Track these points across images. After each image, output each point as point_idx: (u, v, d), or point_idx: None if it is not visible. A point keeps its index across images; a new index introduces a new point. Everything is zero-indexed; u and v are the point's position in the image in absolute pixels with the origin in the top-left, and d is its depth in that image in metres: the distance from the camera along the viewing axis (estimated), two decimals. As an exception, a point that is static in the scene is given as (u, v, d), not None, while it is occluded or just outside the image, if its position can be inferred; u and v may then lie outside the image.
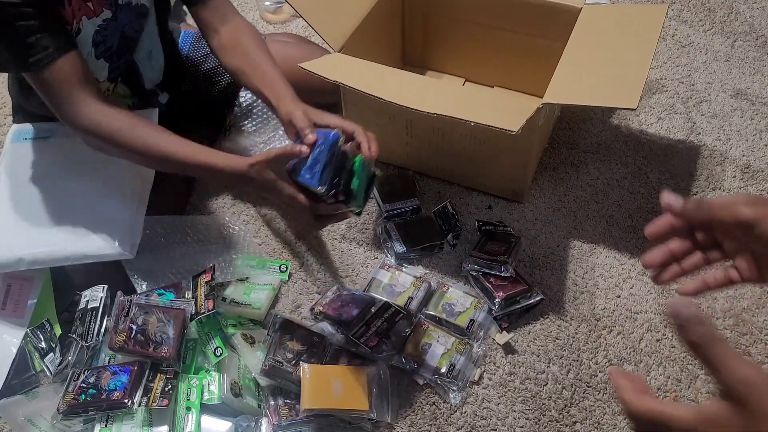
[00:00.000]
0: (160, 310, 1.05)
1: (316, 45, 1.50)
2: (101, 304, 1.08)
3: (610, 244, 1.25)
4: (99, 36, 1.05)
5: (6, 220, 1.11)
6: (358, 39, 1.25)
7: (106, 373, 1.00)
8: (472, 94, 1.31)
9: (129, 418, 0.98)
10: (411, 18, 1.48)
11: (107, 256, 1.09)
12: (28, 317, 1.13)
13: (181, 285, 1.12)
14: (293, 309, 1.18)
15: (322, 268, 1.24)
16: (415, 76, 1.18)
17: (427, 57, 1.54)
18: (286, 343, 1.05)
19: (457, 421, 1.04)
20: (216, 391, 1.01)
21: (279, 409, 1.01)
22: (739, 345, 1.11)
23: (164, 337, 1.02)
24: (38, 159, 1.18)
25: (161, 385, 1.00)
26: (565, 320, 1.15)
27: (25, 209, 1.12)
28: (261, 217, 1.32)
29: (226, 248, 1.24)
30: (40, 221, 1.11)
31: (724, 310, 1.15)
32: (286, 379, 1.02)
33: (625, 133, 1.43)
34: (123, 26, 1.09)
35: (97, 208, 1.12)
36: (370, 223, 1.30)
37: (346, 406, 1.00)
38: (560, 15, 1.26)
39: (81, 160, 1.15)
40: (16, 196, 1.14)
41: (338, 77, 1.11)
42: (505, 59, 1.43)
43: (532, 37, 1.35)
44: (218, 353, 1.02)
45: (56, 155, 1.18)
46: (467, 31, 1.43)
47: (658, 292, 1.18)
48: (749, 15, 1.72)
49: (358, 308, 1.11)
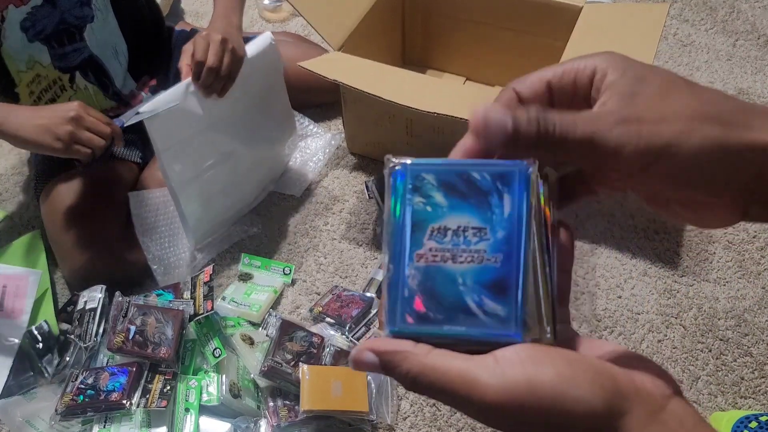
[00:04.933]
0: (159, 311, 1.04)
1: (315, 44, 1.49)
2: (99, 305, 1.08)
3: (611, 244, 1.24)
4: (27, 22, 1.08)
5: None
6: (357, 37, 1.25)
7: (104, 374, 1.00)
8: (473, 94, 1.30)
9: (127, 420, 0.97)
10: (411, 16, 1.47)
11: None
12: (25, 318, 1.12)
13: (180, 285, 1.12)
14: (292, 309, 1.18)
15: (321, 269, 1.23)
16: (415, 75, 1.17)
17: (428, 56, 1.54)
18: (285, 344, 1.04)
19: (458, 422, 1.04)
20: (215, 392, 1.01)
21: (278, 411, 1.01)
22: (741, 346, 1.10)
23: (163, 338, 1.02)
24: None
25: (160, 386, 0.99)
26: (567, 321, 1.14)
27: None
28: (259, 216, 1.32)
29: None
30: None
31: (725, 310, 1.15)
32: (286, 380, 1.01)
33: (626, 132, 1.42)
34: (63, 12, 1.11)
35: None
36: (370, 223, 1.29)
37: (346, 408, 0.99)
38: (561, 13, 1.25)
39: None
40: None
41: (338, 76, 1.10)
42: (506, 58, 1.42)
43: (533, 35, 1.34)
44: (217, 354, 1.02)
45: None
46: (468, 30, 1.43)
47: (660, 293, 1.17)
48: (751, 14, 1.71)
49: (358, 309, 1.11)
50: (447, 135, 1.24)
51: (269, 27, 1.74)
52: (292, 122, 1.33)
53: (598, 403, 0.29)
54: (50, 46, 1.13)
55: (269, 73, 1.21)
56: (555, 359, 0.30)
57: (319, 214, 1.32)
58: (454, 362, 0.30)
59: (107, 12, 1.17)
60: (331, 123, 1.48)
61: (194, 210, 1.17)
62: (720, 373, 1.08)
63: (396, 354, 0.31)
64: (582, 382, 0.29)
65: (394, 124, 1.27)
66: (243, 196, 1.29)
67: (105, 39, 1.18)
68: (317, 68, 1.11)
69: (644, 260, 1.22)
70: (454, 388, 0.30)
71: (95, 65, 1.19)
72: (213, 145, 1.16)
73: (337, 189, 1.36)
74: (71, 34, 1.15)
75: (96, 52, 1.18)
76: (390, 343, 0.32)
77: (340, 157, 1.42)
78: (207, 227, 1.23)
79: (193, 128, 1.10)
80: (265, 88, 1.21)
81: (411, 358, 0.31)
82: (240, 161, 1.22)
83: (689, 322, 1.14)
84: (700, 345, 1.11)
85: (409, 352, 0.31)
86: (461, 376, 0.30)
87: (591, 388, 0.29)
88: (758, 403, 1.05)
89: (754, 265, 1.21)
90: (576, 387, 0.29)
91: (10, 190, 1.41)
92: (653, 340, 1.12)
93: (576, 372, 0.29)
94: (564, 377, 0.29)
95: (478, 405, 0.29)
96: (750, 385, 1.06)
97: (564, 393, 0.29)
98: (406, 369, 0.31)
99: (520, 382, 0.29)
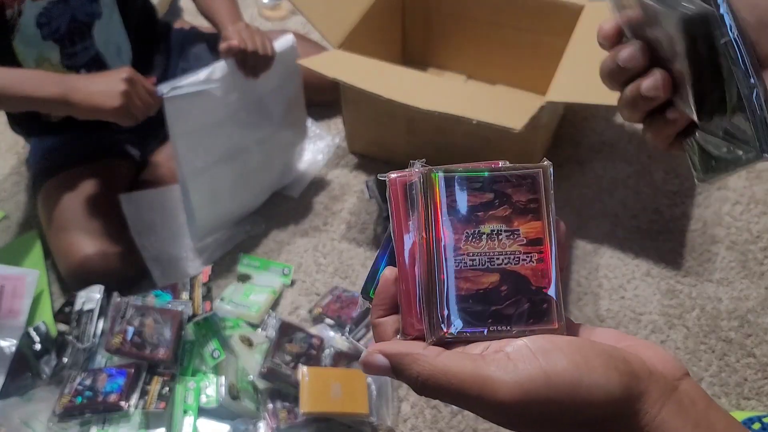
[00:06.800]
0: (157, 312, 1.04)
1: (314, 42, 1.48)
2: (97, 306, 1.07)
3: (614, 245, 1.23)
4: (43, 18, 1.08)
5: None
6: (357, 35, 1.24)
7: (102, 375, 0.99)
8: (474, 92, 1.30)
9: (125, 421, 0.97)
10: (412, 14, 1.47)
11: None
12: (23, 318, 1.11)
13: (178, 286, 1.11)
14: (292, 310, 1.17)
15: (320, 269, 1.23)
16: (416, 73, 1.16)
17: (428, 54, 1.53)
18: (284, 345, 1.04)
19: (459, 424, 1.03)
20: (213, 394, 1.00)
21: (277, 413, 1.00)
22: (744, 347, 1.10)
23: (161, 339, 1.01)
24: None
25: (158, 388, 0.99)
26: (568, 321, 1.13)
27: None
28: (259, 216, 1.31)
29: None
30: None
31: (728, 311, 1.14)
32: (285, 381, 1.01)
33: (629, 131, 1.42)
34: (74, 9, 1.11)
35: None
36: (370, 223, 1.28)
37: (346, 410, 0.99)
38: (563, 12, 1.24)
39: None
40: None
41: (337, 74, 1.09)
42: (507, 56, 1.41)
43: (535, 33, 1.33)
44: (216, 356, 1.01)
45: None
46: (469, 28, 1.42)
47: (663, 294, 1.16)
48: (754, 12, 1.70)
49: (358, 310, 1.10)
50: (448, 133, 1.23)
51: (268, 25, 1.73)
52: (304, 128, 1.33)
53: (615, 387, 0.28)
54: (62, 45, 1.13)
55: (289, 74, 1.21)
56: (565, 348, 0.29)
57: (318, 214, 1.31)
58: (465, 363, 0.29)
59: (113, 9, 1.17)
60: (331, 122, 1.47)
61: (202, 202, 1.17)
62: (723, 374, 1.07)
63: (406, 356, 0.30)
64: (596, 367, 0.29)
65: (395, 123, 1.26)
66: (249, 198, 1.28)
67: (109, 37, 1.18)
68: (316, 66, 1.10)
69: (647, 261, 1.21)
70: (465, 389, 0.29)
71: (100, 63, 1.19)
72: (227, 137, 1.16)
73: (337, 189, 1.35)
74: (81, 32, 1.14)
75: (101, 50, 1.18)
76: (400, 344, 0.31)
77: (340, 157, 1.41)
78: (212, 223, 1.22)
79: (211, 117, 1.11)
80: (283, 88, 1.21)
81: (421, 361, 0.30)
82: (250, 159, 1.22)
83: (692, 322, 1.13)
84: (703, 346, 1.10)
85: (419, 354, 0.30)
86: (473, 377, 0.29)
87: (606, 373, 0.29)
88: (761, 405, 1.04)
89: (757, 265, 1.20)
90: (591, 372, 0.28)
91: (8, 189, 1.40)
92: (656, 341, 1.11)
93: (588, 358, 0.29)
94: (578, 365, 0.28)
95: (492, 404, 0.28)
96: (753, 386, 1.06)
97: (580, 380, 0.28)
98: (416, 372, 0.30)
99: (536, 374, 0.28)
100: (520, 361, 0.29)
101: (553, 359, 0.29)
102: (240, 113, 1.16)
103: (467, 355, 0.30)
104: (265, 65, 1.13)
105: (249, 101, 1.16)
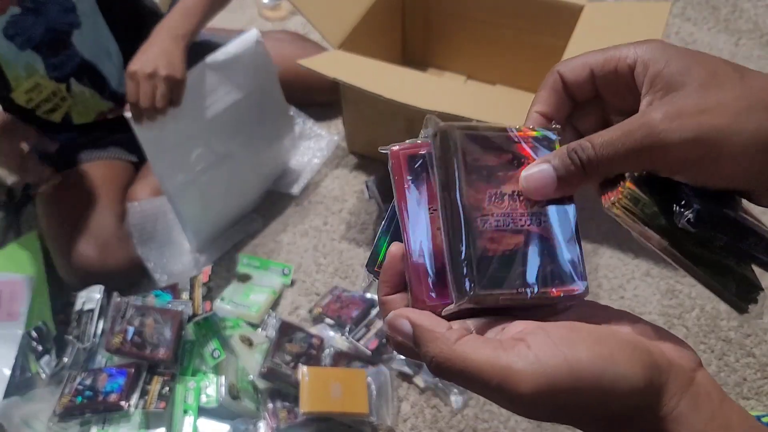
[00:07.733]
0: (157, 312, 1.04)
1: (314, 42, 1.48)
2: (97, 306, 1.07)
3: (613, 245, 1.23)
4: (11, 30, 1.08)
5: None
6: (357, 35, 1.24)
7: (102, 375, 0.99)
8: (474, 92, 1.30)
9: (126, 421, 0.96)
10: (412, 14, 1.47)
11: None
12: (23, 319, 1.11)
13: (178, 286, 1.11)
14: (292, 310, 1.17)
15: (320, 269, 1.23)
16: (416, 73, 1.16)
17: (428, 54, 1.53)
18: (284, 345, 1.04)
19: (459, 424, 1.03)
20: (214, 394, 1.00)
21: (277, 412, 1.00)
22: (743, 346, 1.10)
23: (161, 339, 1.01)
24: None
25: (158, 388, 0.99)
26: (568, 321, 1.14)
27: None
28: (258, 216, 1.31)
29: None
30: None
31: (728, 311, 1.14)
32: (285, 381, 1.01)
33: (628, 131, 1.42)
34: (48, 20, 1.10)
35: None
36: (370, 223, 1.28)
37: (346, 410, 0.99)
38: (563, 12, 1.24)
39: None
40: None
41: (337, 74, 1.09)
42: (507, 56, 1.41)
43: (535, 34, 1.33)
44: (216, 355, 1.01)
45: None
46: (469, 28, 1.42)
47: (663, 294, 1.16)
48: (753, 13, 1.70)
49: (358, 309, 1.10)
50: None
51: (268, 25, 1.73)
52: (288, 119, 1.33)
53: (639, 379, 0.28)
54: (43, 55, 1.13)
55: (258, 71, 1.19)
56: (586, 338, 0.29)
57: (318, 214, 1.31)
58: (484, 351, 0.29)
59: (95, 15, 1.15)
60: (331, 122, 1.47)
61: (194, 214, 1.17)
62: (722, 374, 1.07)
63: (428, 332, 0.30)
64: (620, 359, 0.28)
65: (395, 123, 1.26)
66: (244, 197, 1.28)
67: (96, 42, 1.17)
68: (316, 66, 1.10)
69: (647, 260, 1.21)
70: (483, 377, 0.28)
71: (89, 69, 1.18)
72: (206, 147, 1.15)
73: (336, 189, 1.35)
74: (61, 41, 1.14)
75: (88, 56, 1.17)
76: (427, 318, 0.31)
77: (340, 157, 1.41)
78: (208, 230, 1.22)
79: (183, 133, 1.10)
80: (255, 85, 1.20)
81: (440, 342, 0.30)
82: (237, 162, 1.21)
83: (692, 322, 1.13)
84: (702, 346, 1.10)
85: (441, 333, 0.30)
86: (492, 365, 0.28)
87: (630, 365, 0.28)
88: (761, 404, 1.04)
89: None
90: (615, 364, 0.28)
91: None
92: (655, 340, 1.11)
93: (612, 349, 0.28)
94: (602, 356, 0.28)
95: (513, 395, 0.28)
96: (753, 386, 1.06)
97: (604, 371, 0.28)
98: (433, 352, 0.30)
99: (559, 364, 0.28)
100: (541, 351, 0.28)
101: (576, 350, 0.28)
102: (215, 122, 1.14)
103: (486, 342, 0.29)
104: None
105: (222, 107, 1.14)
